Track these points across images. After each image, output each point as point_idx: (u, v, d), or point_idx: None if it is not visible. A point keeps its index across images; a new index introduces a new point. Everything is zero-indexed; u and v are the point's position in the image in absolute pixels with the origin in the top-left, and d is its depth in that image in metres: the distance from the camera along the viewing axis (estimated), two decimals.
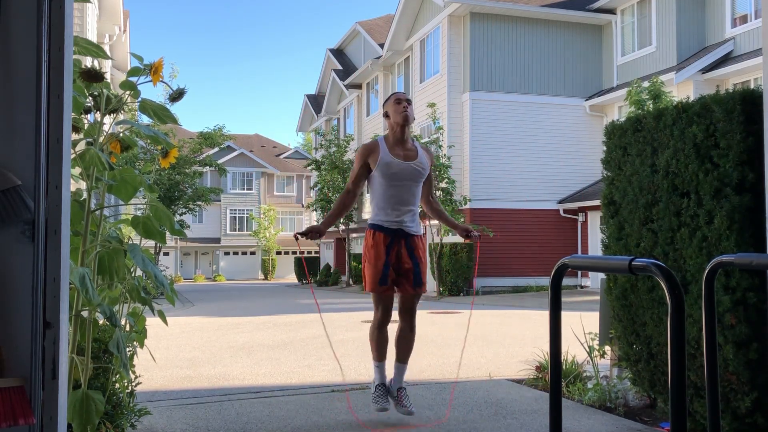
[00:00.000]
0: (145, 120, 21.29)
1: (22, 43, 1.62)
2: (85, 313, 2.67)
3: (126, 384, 3.27)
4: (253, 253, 48.20)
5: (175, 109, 5.56)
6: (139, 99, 2.71)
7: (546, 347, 4.41)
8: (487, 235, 18.02)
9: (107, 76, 2.73)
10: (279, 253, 47.25)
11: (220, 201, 44.93)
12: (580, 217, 19.96)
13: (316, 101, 34.23)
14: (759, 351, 3.18)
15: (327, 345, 7.89)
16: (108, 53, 6.79)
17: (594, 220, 19.23)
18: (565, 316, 2.42)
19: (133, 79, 2.69)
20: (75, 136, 2.63)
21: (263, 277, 46.59)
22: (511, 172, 19.70)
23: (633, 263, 1.60)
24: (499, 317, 11.59)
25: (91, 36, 12.81)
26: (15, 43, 1.62)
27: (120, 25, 15.99)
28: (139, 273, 3.00)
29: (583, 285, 19.81)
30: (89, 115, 2.84)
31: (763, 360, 3.20)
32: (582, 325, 5.19)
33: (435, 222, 19.20)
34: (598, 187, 16.78)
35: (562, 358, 3.98)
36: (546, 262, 18.92)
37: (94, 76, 2.58)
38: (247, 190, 48.39)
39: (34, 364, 1.59)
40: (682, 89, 16.63)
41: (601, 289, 4.48)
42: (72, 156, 2.36)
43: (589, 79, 20.61)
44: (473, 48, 19.65)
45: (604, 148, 4.19)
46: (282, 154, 52.56)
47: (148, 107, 2.70)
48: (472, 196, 19.21)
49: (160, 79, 2.65)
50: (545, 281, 18.14)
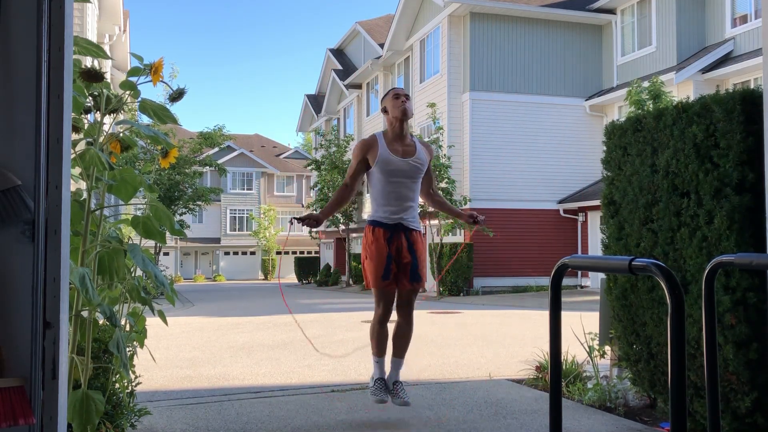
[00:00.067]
0: (145, 120, 21.28)
1: (22, 43, 1.62)
2: (85, 313, 2.67)
3: (126, 384, 3.27)
4: (253, 253, 48.20)
5: (175, 109, 5.56)
6: (139, 99, 2.71)
7: (546, 347, 4.41)
8: (487, 235, 18.02)
9: (107, 76, 2.73)
10: (279, 253, 47.25)
11: (220, 201, 44.92)
12: (580, 217, 19.96)
13: (316, 101, 34.23)
14: (759, 351, 3.18)
15: (327, 345, 7.88)
16: (108, 53, 6.79)
17: (594, 220, 19.23)
18: (565, 316, 2.42)
19: (133, 79, 2.69)
20: (75, 136, 2.62)
21: (263, 277, 46.60)
22: (511, 172, 19.70)
23: (633, 263, 1.60)
24: (499, 317, 11.59)
25: (91, 36, 12.81)
26: (15, 43, 1.62)
27: (120, 25, 15.99)
28: (139, 273, 3.00)
29: (583, 285, 19.81)
30: (89, 115, 2.84)
31: (763, 360, 3.20)
32: (582, 325, 5.19)
33: (435, 222, 19.20)
34: (598, 187, 16.78)
35: (562, 358, 3.98)
36: (546, 262, 18.92)
37: (94, 76, 2.58)
38: (247, 190, 48.39)
39: (34, 364, 1.59)
40: (682, 89, 16.64)
41: (601, 289, 4.48)
42: (72, 156, 2.36)
43: (589, 79, 20.61)
44: (473, 48, 19.65)
45: (604, 148, 4.19)
46: (282, 154, 52.56)
47: (148, 107, 2.70)
48: (472, 196, 19.21)
49: (160, 79, 2.65)
50: (545, 281, 18.14)
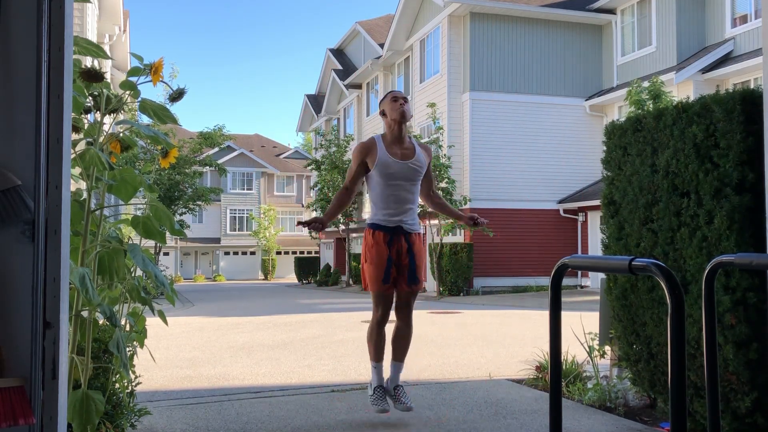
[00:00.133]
0: (145, 120, 21.29)
1: (22, 43, 1.62)
2: (85, 313, 2.67)
3: (126, 384, 3.27)
4: (253, 253, 48.19)
5: (175, 109, 5.56)
6: (139, 99, 2.71)
7: (546, 347, 4.41)
8: (487, 235, 18.02)
9: (107, 76, 2.73)
10: (279, 253, 47.25)
11: (220, 201, 44.91)
12: (580, 217, 19.96)
13: (316, 101, 34.23)
14: (759, 351, 3.19)
15: (327, 345, 7.89)
16: (108, 53, 6.79)
17: (594, 220, 19.23)
18: (565, 316, 2.42)
19: (133, 79, 2.69)
20: (75, 136, 2.62)
21: (263, 277, 46.59)
22: (511, 172, 19.70)
23: (633, 263, 1.60)
24: (499, 317, 11.59)
25: (91, 36, 12.81)
26: (15, 43, 1.62)
27: (120, 25, 15.99)
28: (139, 273, 3.00)
29: (583, 285, 19.81)
30: (89, 115, 2.84)
31: (763, 360, 3.20)
32: (582, 325, 5.19)
33: (435, 222, 19.20)
34: (598, 187, 16.78)
35: (562, 358, 3.98)
36: (546, 262, 18.92)
37: (94, 76, 2.58)
38: (247, 190, 48.39)
39: (34, 364, 1.59)
40: (682, 89, 16.64)
41: (601, 289, 4.48)
42: (72, 156, 2.36)
43: (589, 79, 20.61)
44: (473, 48, 19.65)
45: (604, 148, 4.19)
46: (282, 154, 52.55)
47: (148, 107, 2.70)
48: (472, 196, 19.21)
49: (160, 79, 2.65)
50: (545, 281, 18.14)
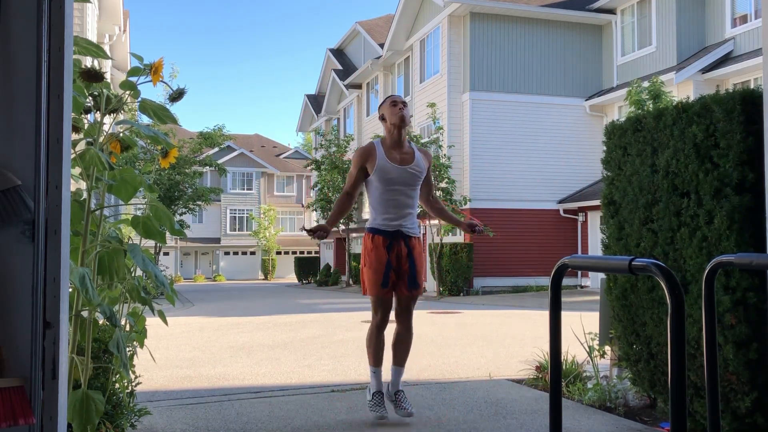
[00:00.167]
0: (145, 120, 21.29)
1: (22, 43, 1.62)
2: (85, 313, 2.67)
3: (126, 384, 3.27)
4: (253, 253, 48.19)
5: (175, 109, 5.56)
6: (139, 99, 2.71)
7: (546, 347, 4.42)
8: (487, 235, 18.01)
9: (107, 76, 2.73)
10: (279, 253, 47.25)
11: (220, 201, 44.92)
12: (580, 217, 19.96)
13: (316, 101, 34.23)
14: (759, 351, 3.19)
15: (327, 345, 7.89)
16: (108, 53, 6.79)
17: (594, 220, 19.23)
18: (565, 316, 2.42)
19: (133, 79, 2.69)
20: (75, 136, 2.62)
21: (263, 277, 46.59)
22: (511, 172, 19.70)
23: (633, 263, 1.60)
24: (499, 317, 11.59)
25: (91, 36, 12.81)
26: (15, 43, 1.62)
27: (120, 25, 15.99)
28: (139, 273, 3.00)
29: (583, 285, 19.81)
30: (89, 115, 2.84)
31: (763, 360, 3.20)
32: (582, 325, 5.19)
33: (435, 222, 19.20)
34: (598, 187, 16.78)
35: (562, 358, 3.98)
36: (546, 262, 18.92)
37: (94, 76, 2.58)
38: (247, 190, 48.39)
39: (34, 364, 1.59)
40: (682, 89, 16.64)
41: (601, 289, 4.48)
42: (72, 156, 2.36)
43: (589, 79, 20.61)
44: (473, 48, 19.65)
45: (604, 148, 4.19)
46: (282, 154, 52.55)
47: (148, 107, 2.70)
48: (472, 196, 19.21)
49: (160, 79, 2.65)
50: (545, 281, 18.14)
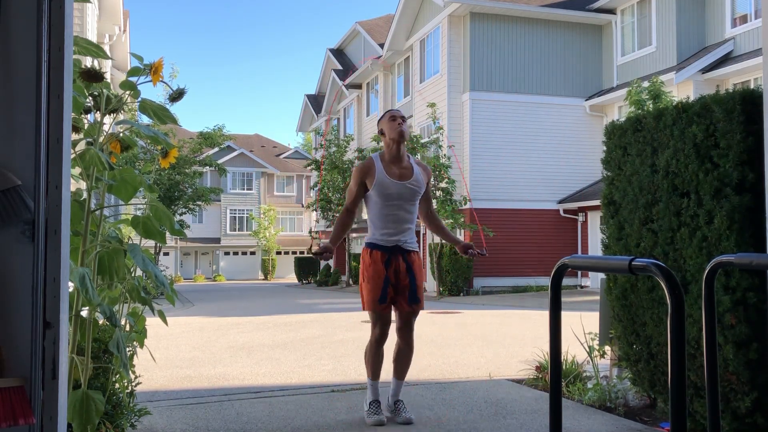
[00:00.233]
0: (145, 120, 21.28)
1: (22, 43, 1.62)
2: (85, 313, 2.67)
3: (126, 384, 3.27)
4: (253, 253, 48.19)
5: (175, 109, 5.56)
6: (139, 99, 2.71)
7: (546, 347, 4.41)
8: (487, 235, 18.01)
9: (107, 76, 2.73)
10: (279, 253, 47.25)
11: (220, 201, 44.91)
12: (580, 217, 19.96)
13: (316, 101, 34.22)
14: (759, 351, 3.19)
15: (327, 345, 7.89)
16: (108, 53, 6.79)
17: (594, 220, 19.23)
18: (565, 316, 2.42)
19: (133, 79, 2.69)
20: (75, 136, 2.62)
21: (263, 277, 46.59)
22: (511, 172, 19.70)
23: (633, 263, 1.60)
24: (499, 317, 11.59)
25: (91, 36, 12.80)
26: (15, 43, 1.62)
27: (120, 25, 15.98)
28: (139, 273, 3.00)
29: (583, 285, 19.80)
30: (89, 115, 2.83)
31: (763, 360, 3.20)
32: (582, 325, 5.19)
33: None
34: (598, 187, 16.78)
35: (562, 358, 3.98)
36: (546, 262, 18.92)
37: (94, 76, 2.58)
38: (247, 190, 48.38)
39: (34, 364, 1.59)
40: (682, 89, 16.63)
41: (601, 289, 4.48)
42: (72, 156, 2.36)
43: (589, 79, 20.61)
44: (473, 48, 19.65)
45: (604, 148, 4.19)
46: (282, 154, 52.55)
47: (148, 107, 2.70)
48: (472, 196, 19.20)
49: (160, 79, 2.65)
50: (545, 281, 18.14)
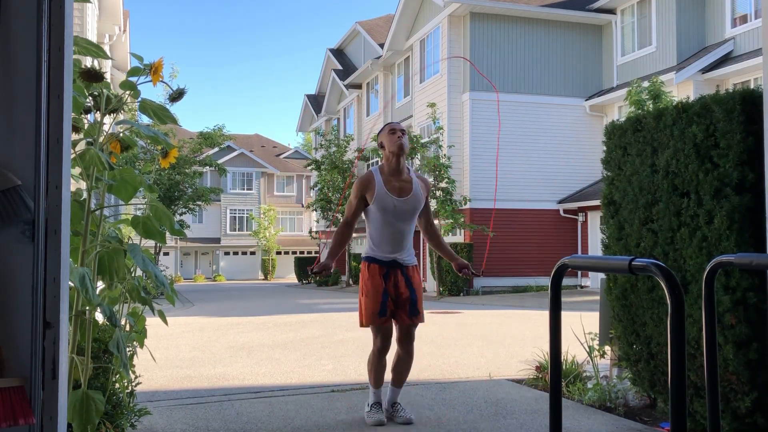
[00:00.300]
0: (145, 120, 21.28)
1: (22, 43, 1.62)
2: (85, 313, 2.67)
3: (126, 384, 3.27)
4: (253, 253, 48.18)
5: (175, 109, 5.56)
6: (139, 99, 2.71)
7: (546, 347, 4.42)
8: (488, 235, 18.00)
9: (107, 76, 2.73)
10: (279, 253, 47.24)
11: (220, 201, 44.90)
12: (580, 217, 19.96)
13: (316, 101, 34.22)
14: (759, 351, 3.19)
15: (327, 345, 7.89)
16: (108, 53, 6.79)
17: (594, 220, 19.23)
18: (565, 316, 2.42)
19: (133, 79, 2.69)
20: (75, 136, 2.62)
21: (263, 277, 46.58)
22: (512, 172, 19.70)
23: (633, 263, 1.60)
24: (499, 317, 11.59)
25: (91, 36, 12.80)
26: (15, 43, 1.62)
27: (120, 25, 15.97)
28: (139, 273, 3.00)
29: (583, 285, 19.80)
30: (89, 115, 2.83)
31: (763, 360, 3.20)
32: (582, 325, 5.19)
33: (434, 222, 19.18)
34: (598, 187, 16.78)
35: (562, 358, 3.98)
36: (546, 262, 18.92)
37: (94, 76, 2.58)
38: (247, 190, 48.38)
39: (34, 364, 1.59)
40: (682, 89, 16.63)
41: (601, 289, 4.48)
42: (72, 156, 2.36)
43: (589, 79, 20.61)
44: (473, 48, 19.65)
45: (604, 148, 4.19)
46: (282, 154, 52.55)
47: (148, 107, 2.70)
48: (472, 196, 19.21)
49: (160, 79, 2.65)
50: (545, 281, 18.14)
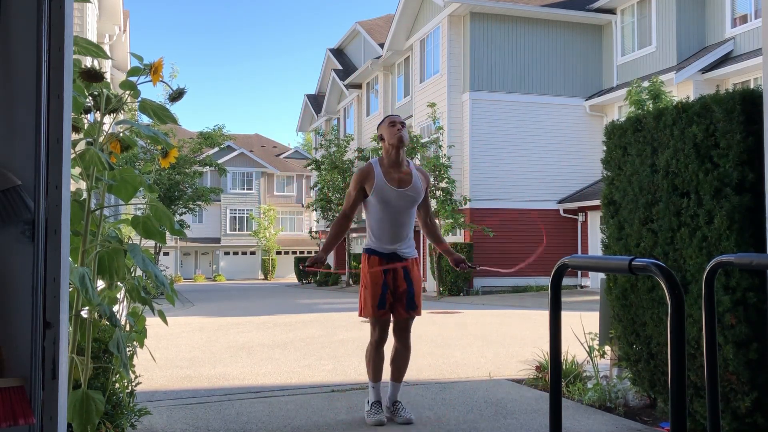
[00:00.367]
0: (145, 120, 21.28)
1: (22, 43, 1.62)
2: (85, 313, 2.67)
3: (126, 384, 3.27)
4: (253, 253, 48.19)
5: (175, 109, 5.56)
6: (139, 99, 2.71)
7: (546, 347, 4.41)
8: (487, 235, 18.02)
9: (107, 76, 2.73)
10: (279, 253, 47.24)
11: (220, 201, 44.91)
12: (580, 217, 19.96)
13: (316, 101, 34.22)
14: (759, 351, 3.19)
15: (327, 345, 7.89)
16: (108, 53, 6.79)
17: (594, 220, 19.23)
18: (565, 316, 2.42)
19: (133, 79, 2.69)
20: (75, 136, 2.62)
21: (263, 277, 46.59)
22: (511, 172, 19.70)
23: (633, 263, 1.60)
24: (499, 317, 11.59)
25: (91, 36, 12.80)
26: (15, 43, 1.62)
27: (120, 25, 15.97)
28: (139, 273, 3.00)
29: (583, 285, 19.80)
30: (89, 115, 2.83)
31: (763, 360, 3.20)
32: (582, 325, 5.19)
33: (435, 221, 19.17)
34: (598, 187, 16.78)
35: (562, 358, 3.98)
36: (546, 262, 18.83)
37: (94, 76, 2.58)
38: (247, 190, 48.38)
39: (34, 364, 1.59)
40: (682, 89, 16.63)
41: (601, 289, 4.48)
42: (72, 156, 2.36)
43: (589, 79, 20.61)
44: (473, 48, 19.65)
45: (604, 148, 4.19)
46: (282, 154, 52.55)
47: (148, 107, 2.70)
48: (472, 196, 19.21)
49: (160, 79, 2.65)
50: (545, 281, 18.14)
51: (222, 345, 8.13)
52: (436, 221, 4.36)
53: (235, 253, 48.49)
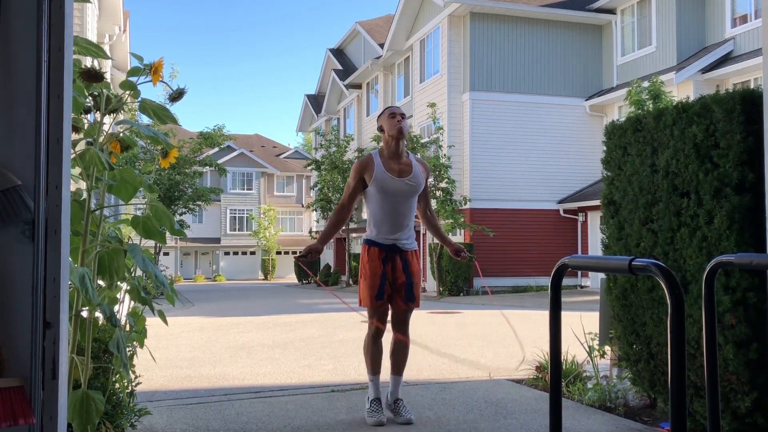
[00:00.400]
0: (145, 120, 21.27)
1: (22, 43, 1.62)
2: (85, 313, 2.67)
3: (126, 384, 3.27)
4: (253, 253, 48.18)
5: (175, 109, 5.55)
6: (139, 99, 2.71)
7: (546, 347, 4.41)
8: (487, 235, 18.02)
9: (107, 76, 2.73)
10: (279, 253, 47.24)
11: (220, 201, 44.90)
12: (580, 217, 19.96)
13: (316, 101, 34.23)
14: (759, 351, 3.19)
15: (327, 345, 7.89)
16: (108, 53, 6.78)
17: (594, 220, 19.23)
18: (565, 316, 2.42)
19: (133, 79, 2.69)
20: (75, 136, 2.62)
21: (263, 277, 46.58)
22: (511, 172, 19.71)
23: (633, 263, 1.60)
24: (499, 317, 11.59)
25: (91, 36, 12.80)
26: (15, 43, 1.62)
27: (120, 25, 15.97)
28: (139, 273, 3.00)
29: (583, 285, 19.81)
30: (89, 115, 2.83)
31: (763, 360, 3.20)
32: (582, 325, 5.19)
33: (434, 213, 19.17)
34: (598, 187, 16.78)
35: (562, 358, 3.98)
36: (546, 262, 18.91)
37: (94, 76, 2.58)
38: (247, 190, 48.38)
39: (34, 364, 1.59)
40: (682, 89, 16.64)
41: (601, 289, 4.48)
42: (72, 156, 2.36)
43: (589, 79, 20.61)
44: (473, 48, 19.65)
45: (604, 148, 4.19)
46: (282, 154, 52.54)
47: (148, 107, 2.70)
48: (472, 196, 19.21)
49: (160, 79, 2.65)
50: (545, 281, 18.13)
51: (222, 345, 8.13)
52: (435, 213, 4.37)
53: (235, 253, 48.49)
